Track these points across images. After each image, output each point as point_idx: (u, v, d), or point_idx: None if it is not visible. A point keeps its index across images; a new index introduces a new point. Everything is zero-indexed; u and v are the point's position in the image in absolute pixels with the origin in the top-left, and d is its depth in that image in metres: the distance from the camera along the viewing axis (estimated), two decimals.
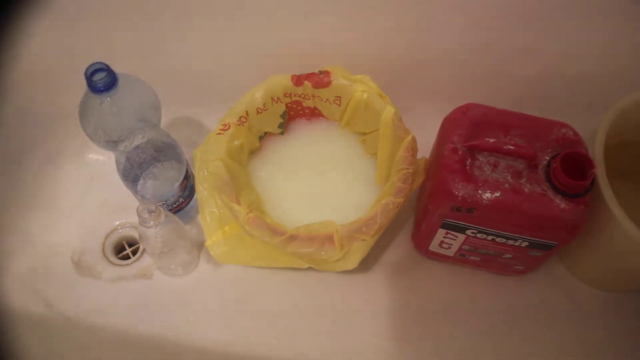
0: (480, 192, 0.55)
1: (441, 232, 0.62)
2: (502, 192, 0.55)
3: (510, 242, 0.59)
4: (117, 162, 0.64)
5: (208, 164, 0.61)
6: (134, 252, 0.73)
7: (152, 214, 0.57)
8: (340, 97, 0.67)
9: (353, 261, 0.57)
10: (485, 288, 0.69)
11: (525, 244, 0.59)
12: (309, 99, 0.69)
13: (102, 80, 0.51)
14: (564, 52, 0.72)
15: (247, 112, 0.65)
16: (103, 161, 0.78)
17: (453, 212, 0.57)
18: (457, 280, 0.70)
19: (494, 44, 0.71)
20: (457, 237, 0.61)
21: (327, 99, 0.68)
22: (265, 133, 0.71)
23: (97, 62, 0.52)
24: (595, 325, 0.67)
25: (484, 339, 0.66)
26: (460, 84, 0.75)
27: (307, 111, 0.72)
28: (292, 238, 0.57)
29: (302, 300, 0.68)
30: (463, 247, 0.63)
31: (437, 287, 0.69)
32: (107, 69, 0.52)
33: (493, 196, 0.54)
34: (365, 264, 0.70)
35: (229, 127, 0.63)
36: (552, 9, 0.67)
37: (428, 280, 0.70)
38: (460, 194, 0.55)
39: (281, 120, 0.70)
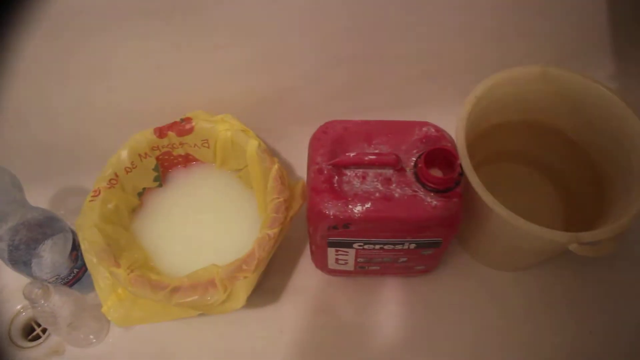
0: (350, 206, 0.55)
1: (331, 251, 0.62)
2: (372, 202, 0.55)
3: (398, 246, 0.60)
4: (1, 252, 0.62)
5: (84, 232, 0.61)
6: (45, 330, 0.71)
7: (39, 291, 0.56)
8: (207, 139, 0.67)
9: (239, 300, 0.57)
10: (397, 292, 0.70)
11: (413, 245, 0.59)
12: (178, 147, 0.69)
13: None
14: (412, 54, 0.73)
15: (115, 174, 0.65)
16: None
17: (331, 230, 0.57)
18: (367, 291, 0.70)
19: (345, 60, 0.72)
20: (347, 252, 0.62)
21: (195, 144, 0.68)
22: (144, 189, 0.70)
23: None
24: (506, 303, 0.69)
25: (404, 344, 0.67)
26: (324, 102, 0.76)
27: (180, 159, 0.72)
28: (175, 290, 0.56)
29: (219, 345, 0.68)
30: (358, 259, 0.63)
31: (349, 302, 0.70)
32: None
33: (364, 208, 0.55)
34: (274, 295, 0.70)
35: (99, 193, 0.63)
36: (392, 18, 0.69)
37: (338, 297, 0.70)
38: (332, 213, 0.55)
39: (156, 174, 0.70)
